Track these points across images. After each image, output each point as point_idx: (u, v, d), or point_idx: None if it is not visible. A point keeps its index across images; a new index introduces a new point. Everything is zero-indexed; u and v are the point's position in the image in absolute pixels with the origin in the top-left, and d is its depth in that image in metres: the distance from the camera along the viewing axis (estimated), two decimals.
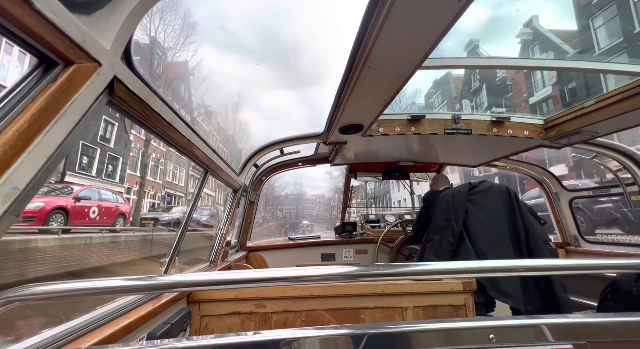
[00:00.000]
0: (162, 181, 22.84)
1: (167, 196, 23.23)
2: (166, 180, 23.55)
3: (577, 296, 2.47)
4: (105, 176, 16.35)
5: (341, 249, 3.34)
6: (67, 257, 7.68)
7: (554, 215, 3.10)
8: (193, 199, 1.87)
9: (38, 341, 0.75)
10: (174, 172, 25.18)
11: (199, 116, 29.59)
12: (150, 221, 13.43)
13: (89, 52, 0.64)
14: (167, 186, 23.70)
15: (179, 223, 5.84)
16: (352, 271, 0.56)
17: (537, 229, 1.96)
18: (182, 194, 25.74)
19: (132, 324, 1.00)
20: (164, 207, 18.90)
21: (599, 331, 0.55)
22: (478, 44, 27.33)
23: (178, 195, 25.41)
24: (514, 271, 0.56)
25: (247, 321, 1.55)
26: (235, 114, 36.04)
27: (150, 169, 20.80)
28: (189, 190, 26.70)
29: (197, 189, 1.85)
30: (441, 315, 1.57)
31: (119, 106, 0.86)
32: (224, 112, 35.28)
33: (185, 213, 1.79)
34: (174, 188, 24.92)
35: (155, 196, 21.88)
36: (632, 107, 1.61)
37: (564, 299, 1.78)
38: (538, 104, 20.54)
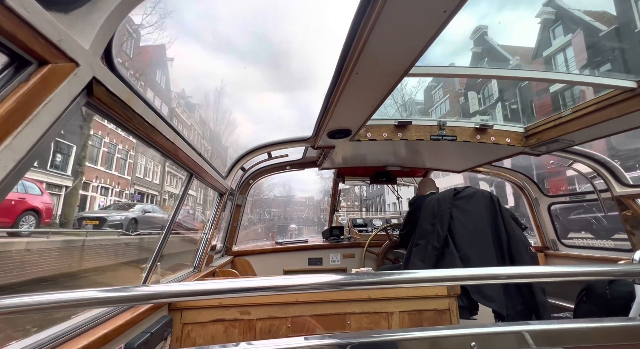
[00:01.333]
0: (131, 177, 20.46)
1: (137, 194, 20.72)
2: (137, 176, 20.93)
3: (555, 298, 2.55)
4: (52, 167, 12.81)
5: (328, 254, 3.33)
6: None
7: (534, 220, 3.21)
8: (177, 203, 1.82)
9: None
10: (146, 168, 22.53)
11: (183, 113, 28.12)
12: (94, 222, 10.39)
13: (65, 52, 0.61)
14: (138, 182, 21.48)
15: (135, 224, 5.76)
16: (338, 280, 0.56)
17: (518, 234, 2.01)
18: (155, 193, 23.46)
19: (109, 334, 0.96)
20: (120, 205, 15.24)
21: (574, 337, 0.57)
22: (486, 31, 24.95)
23: (151, 193, 23.07)
24: (497, 278, 0.57)
25: (230, 328, 1.51)
26: (221, 112, 33.80)
27: (116, 163, 18.73)
28: (165, 188, 24.38)
29: (182, 193, 1.80)
30: (426, 319, 1.58)
31: (99, 107, 0.82)
32: (207, 106, 33.15)
33: (169, 216, 1.74)
34: (147, 185, 22.70)
35: (122, 193, 19.65)
36: (606, 118, 1.69)
37: (543, 302, 1.84)
38: (560, 92, 18.04)
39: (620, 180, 2.41)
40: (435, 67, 1.63)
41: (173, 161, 1.44)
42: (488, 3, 42.57)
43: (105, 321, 1.02)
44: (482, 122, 2.20)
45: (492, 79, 21.97)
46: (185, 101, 30.28)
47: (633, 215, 2.34)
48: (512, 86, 21.86)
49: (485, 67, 2.23)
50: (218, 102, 31.83)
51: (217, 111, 31.94)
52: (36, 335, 0.82)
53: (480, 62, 24.89)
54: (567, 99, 17.91)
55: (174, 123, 1.93)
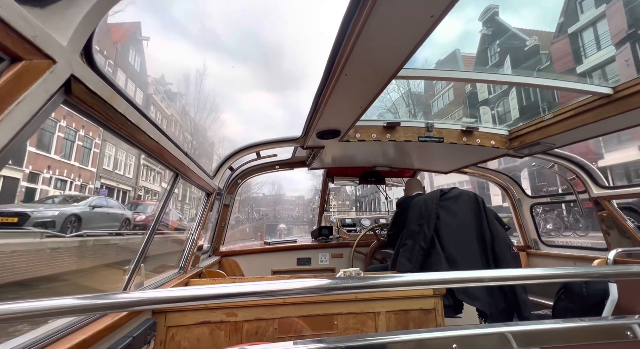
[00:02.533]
0: (96, 169, 17.63)
1: (104, 189, 18.14)
2: (104, 168, 18.47)
3: (536, 296, 2.64)
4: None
5: (317, 254, 3.34)
6: None
7: (516, 220, 3.31)
8: (162, 203, 1.78)
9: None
10: (117, 160, 20.04)
11: (162, 101, 25.76)
12: (11, 219, 7.59)
13: (41, 48, 0.59)
14: (106, 175, 18.62)
15: (77, 222, 5.29)
16: (325, 285, 0.56)
17: (501, 234, 2.07)
18: (128, 188, 20.89)
19: (88, 340, 0.93)
20: (63, 198, 11.63)
21: (554, 337, 0.59)
22: (497, 10, 22.58)
23: (123, 188, 20.41)
24: (481, 281, 0.59)
25: (217, 330, 1.49)
26: (205, 100, 30.78)
27: (77, 151, 16.22)
28: (139, 183, 21.96)
29: (167, 193, 1.76)
30: (412, 319, 1.61)
31: (78, 106, 0.79)
32: (189, 95, 30.44)
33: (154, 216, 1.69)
34: (117, 179, 19.86)
35: (84, 188, 16.87)
36: (584, 122, 1.76)
37: (524, 300, 1.90)
38: (589, 73, 15.58)
39: (597, 182, 2.51)
40: (423, 70, 1.66)
41: (158, 161, 1.41)
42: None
43: (84, 326, 0.98)
44: (469, 125, 2.24)
45: (502, 65, 20.64)
46: (164, 88, 27.80)
47: (608, 215, 2.44)
48: (530, 68, 19.01)
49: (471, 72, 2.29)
50: (200, 86, 29.40)
51: (199, 97, 29.46)
52: (8, 342, 0.79)
53: (492, 45, 22.36)
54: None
55: (152, 114, 1.73)
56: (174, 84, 29.29)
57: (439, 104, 27.51)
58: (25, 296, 4.31)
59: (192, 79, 29.42)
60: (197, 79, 29.36)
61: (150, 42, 23.90)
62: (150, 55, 25.07)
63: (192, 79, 29.42)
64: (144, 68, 23.30)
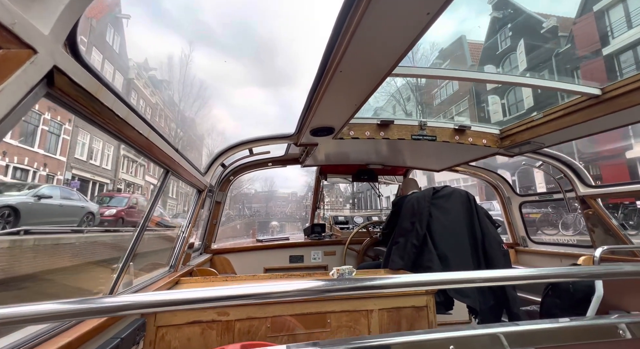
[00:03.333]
0: (66, 158, 15.16)
1: (76, 181, 15.75)
2: (76, 158, 16.08)
3: (524, 292, 2.70)
4: None
5: (310, 251, 3.33)
6: None
7: (506, 218, 3.37)
8: (152, 200, 1.74)
9: None
10: (93, 149, 17.73)
11: (146, 88, 23.55)
12: None
13: (20, 37, 0.55)
14: (78, 166, 16.19)
15: (14, 216, 4.44)
16: (320, 287, 0.55)
17: (492, 232, 2.10)
18: (106, 180, 18.73)
19: (73, 343, 0.90)
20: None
21: (546, 337, 0.60)
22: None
23: (100, 181, 18.15)
24: (473, 282, 0.58)
25: (208, 330, 1.47)
26: (193, 88, 28.64)
27: (41, 137, 13.94)
28: (119, 176, 19.66)
29: (157, 190, 1.72)
30: (404, 317, 1.62)
31: (61, 99, 0.76)
32: (176, 82, 27.79)
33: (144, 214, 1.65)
34: (93, 171, 17.52)
35: (51, 178, 14.65)
36: (573, 122, 1.79)
37: (513, 297, 1.93)
38: (617, 54, 13.67)
39: (584, 181, 2.57)
40: (419, 68, 1.65)
41: (147, 157, 1.37)
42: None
43: (69, 329, 0.95)
44: (462, 123, 2.26)
45: (515, 50, 18.80)
46: (148, 73, 25.09)
47: (594, 213, 2.51)
48: (548, 52, 16.74)
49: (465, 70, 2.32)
50: (186, 70, 26.87)
51: (184, 82, 26.95)
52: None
53: (502, 29, 20.26)
54: (626, 63, 13.47)
55: (134, 100, 1.54)
56: (158, 70, 26.60)
57: (442, 95, 25.24)
58: None
59: (178, 65, 27.15)
60: (183, 62, 27.14)
61: (135, 26, 21.90)
62: (133, 38, 22.98)
63: (178, 65, 27.15)
64: (123, 50, 21.25)
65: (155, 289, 1.59)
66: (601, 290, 1.59)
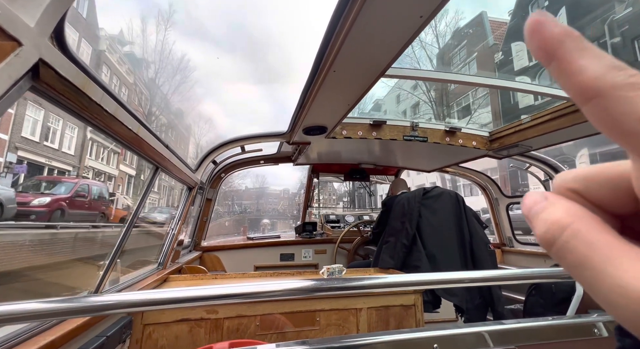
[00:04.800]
0: (8, 136, 12.31)
1: (23, 165, 12.73)
2: (24, 137, 13.08)
3: (509, 292, 2.77)
4: None
5: (301, 249, 3.34)
6: None
7: (493, 218, 3.44)
8: (141, 197, 1.71)
9: None
10: (50, 130, 14.56)
11: (120, 64, 20.31)
12: None
13: (4, 29, 0.53)
14: (28, 147, 13.21)
15: None
16: (309, 286, 0.55)
17: (479, 233, 2.15)
18: (68, 167, 15.50)
19: (56, 341, 0.88)
20: None
21: (527, 335, 0.62)
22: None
23: (59, 167, 14.89)
24: (461, 282, 0.60)
25: (196, 328, 1.46)
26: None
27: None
28: (85, 162, 16.61)
29: (146, 187, 1.69)
30: (393, 315, 1.64)
31: (47, 93, 0.74)
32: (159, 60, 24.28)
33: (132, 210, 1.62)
34: (50, 155, 14.33)
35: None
36: (560, 126, 1.84)
37: (498, 296, 1.98)
38: None
39: None
40: (412, 69, 1.67)
41: (137, 153, 1.34)
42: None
43: (52, 327, 0.93)
44: (452, 125, 2.30)
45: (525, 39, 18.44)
46: (124, 48, 21.79)
47: None
48: (598, 20, 12.95)
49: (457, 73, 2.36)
50: (163, 42, 23.13)
51: (163, 55, 23.09)
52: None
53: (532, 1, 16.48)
54: None
55: (106, 77, 1.35)
56: (135, 44, 22.85)
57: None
58: None
59: (160, 41, 23.28)
60: (161, 28, 23.28)
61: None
62: (106, 3, 19.93)
63: (160, 41, 23.28)
64: (93, 17, 18.64)
65: (143, 287, 1.57)
66: (581, 290, 1.65)
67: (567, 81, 0.14)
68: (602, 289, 0.12)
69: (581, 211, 0.14)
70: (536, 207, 0.15)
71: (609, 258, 0.12)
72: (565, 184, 0.16)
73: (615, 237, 0.13)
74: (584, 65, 0.13)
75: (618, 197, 0.15)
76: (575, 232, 0.13)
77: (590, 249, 0.13)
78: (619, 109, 0.12)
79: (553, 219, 0.14)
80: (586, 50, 0.13)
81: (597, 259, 0.12)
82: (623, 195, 0.15)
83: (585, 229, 0.13)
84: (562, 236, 0.13)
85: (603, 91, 0.12)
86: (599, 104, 0.13)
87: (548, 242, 0.14)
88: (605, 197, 0.15)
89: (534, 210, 0.15)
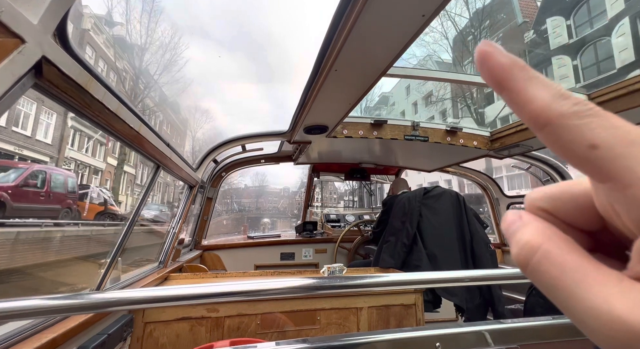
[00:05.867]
0: None
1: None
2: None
3: (509, 291, 2.77)
4: None
5: (301, 249, 3.34)
6: None
7: (494, 218, 3.44)
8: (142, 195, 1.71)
9: None
10: (18, 113, 12.38)
11: (107, 46, 17.53)
12: None
13: (6, 25, 0.54)
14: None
15: None
16: (310, 284, 0.55)
17: (480, 233, 2.15)
18: (43, 158, 13.59)
19: (58, 339, 0.88)
20: None
21: (528, 334, 0.62)
22: None
23: (32, 157, 12.75)
24: (460, 281, 0.60)
25: (197, 326, 1.46)
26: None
27: None
28: (65, 153, 14.36)
29: (147, 185, 1.69)
30: (393, 314, 1.64)
31: (49, 91, 0.74)
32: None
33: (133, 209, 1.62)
34: (20, 143, 12.36)
35: None
36: None
37: (498, 296, 1.98)
38: None
39: None
40: (414, 69, 1.67)
41: (138, 151, 1.34)
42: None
43: (54, 324, 0.93)
44: (453, 125, 2.30)
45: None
46: (112, 29, 18.94)
47: None
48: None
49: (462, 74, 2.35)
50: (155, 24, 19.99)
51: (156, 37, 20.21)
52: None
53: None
54: None
55: (91, 59, 1.23)
56: (125, 25, 19.43)
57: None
58: None
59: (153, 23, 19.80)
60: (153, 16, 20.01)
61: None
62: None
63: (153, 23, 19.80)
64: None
65: (143, 285, 1.58)
66: None
67: (519, 111, 0.14)
68: (575, 311, 0.12)
69: (551, 231, 0.14)
70: (512, 227, 0.15)
71: (579, 281, 0.12)
72: (535, 203, 0.16)
73: (584, 257, 0.13)
74: (533, 95, 0.13)
75: (584, 214, 0.15)
76: (546, 253, 0.13)
77: (561, 271, 0.13)
78: (568, 137, 0.12)
79: (525, 240, 0.14)
80: (534, 79, 0.14)
81: (567, 282, 0.12)
82: (588, 212, 0.15)
83: (555, 251, 0.13)
84: (534, 258, 0.13)
85: (552, 119, 0.13)
86: (551, 132, 0.13)
87: (521, 263, 0.14)
88: (572, 215, 0.15)
89: (510, 230, 0.15)
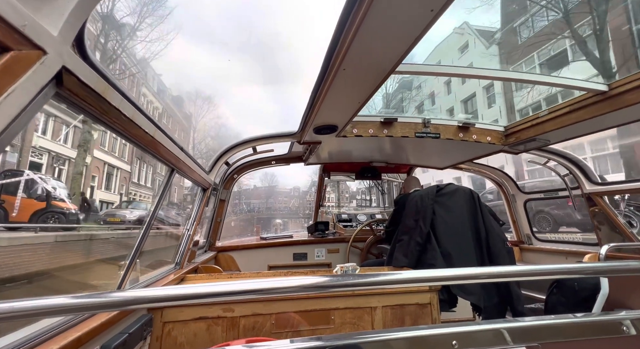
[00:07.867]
0: None
1: None
2: None
3: (528, 290, 2.69)
4: None
5: (313, 249, 3.35)
6: None
7: (510, 215, 3.35)
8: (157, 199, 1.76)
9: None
10: None
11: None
12: None
13: (30, 38, 0.56)
14: None
15: None
16: (323, 282, 0.55)
17: (496, 230, 2.09)
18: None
19: (83, 337, 0.92)
20: None
21: (549, 333, 0.60)
22: None
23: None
24: (477, 278, 0.59)
25: (213, 326, 1.49)
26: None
27: None
28: (33, 143, 12.36)
29: (162, 189, 1.74)
30: (408, 314, 1.62)
31: (70, 99, 0.77)
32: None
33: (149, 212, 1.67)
34: None
35: None
36: (579, 119, 1.77)
37: (517, 294, 1.93)
38: None
39: (590, 178, 2.54)
40: (423, 65, 1.65)
41: (153, 155, 1.38)
42: None
43: (78, 324, 0.97)
44: (465, 121, 2.25)
45: None
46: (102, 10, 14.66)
47: (600, 211, 2.48)
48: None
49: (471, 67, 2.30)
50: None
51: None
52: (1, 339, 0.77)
53: None
54: None
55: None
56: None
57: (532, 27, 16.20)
58: None
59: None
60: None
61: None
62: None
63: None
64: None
65: (161, 285, 1.62)
66: (607, 288, 1.58)
67: None
68: None
69: None
70: None
71: None
72: None
73: None
74: None
75: None
76: None
77: None
78: None
79: None
80: None
81: None
82: None
83: None
84: None
85: None
86: None
87: None
88: None
89: None
